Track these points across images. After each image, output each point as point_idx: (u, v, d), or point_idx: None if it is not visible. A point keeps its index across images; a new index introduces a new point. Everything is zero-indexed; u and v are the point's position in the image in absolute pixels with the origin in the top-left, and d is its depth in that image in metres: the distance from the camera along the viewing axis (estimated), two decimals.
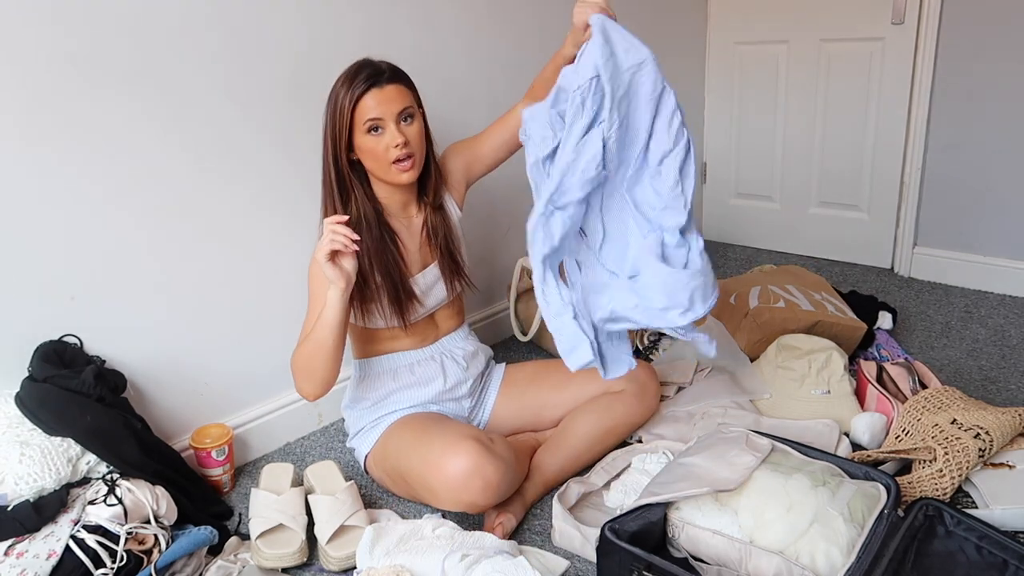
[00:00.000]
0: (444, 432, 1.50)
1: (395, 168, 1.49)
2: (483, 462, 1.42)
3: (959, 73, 2.53)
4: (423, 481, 1.48)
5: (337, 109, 1.47)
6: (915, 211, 2.75)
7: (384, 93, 1.46)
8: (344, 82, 1.47)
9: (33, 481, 1.32)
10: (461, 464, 1.41)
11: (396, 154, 1.47)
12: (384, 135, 1.47)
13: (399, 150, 1.47)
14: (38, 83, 1.42)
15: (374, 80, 1.46)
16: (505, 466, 1.46)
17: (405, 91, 1.50)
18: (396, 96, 1.47)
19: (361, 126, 1.46)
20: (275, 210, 1.82)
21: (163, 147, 1.61)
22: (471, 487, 1.42)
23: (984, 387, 2.02)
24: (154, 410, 1.68)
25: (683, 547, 1.36)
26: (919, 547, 1.32)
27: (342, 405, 1.75)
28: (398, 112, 1.47)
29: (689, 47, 3.07)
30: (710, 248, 3.25)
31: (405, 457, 1.54)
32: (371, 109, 1.45)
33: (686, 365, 2.03)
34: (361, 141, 1.48)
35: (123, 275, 1.60)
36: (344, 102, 1.46)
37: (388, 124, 1.46)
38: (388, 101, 1.46)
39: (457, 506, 1.45)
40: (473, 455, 1.42)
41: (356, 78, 1.46)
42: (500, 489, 1.46)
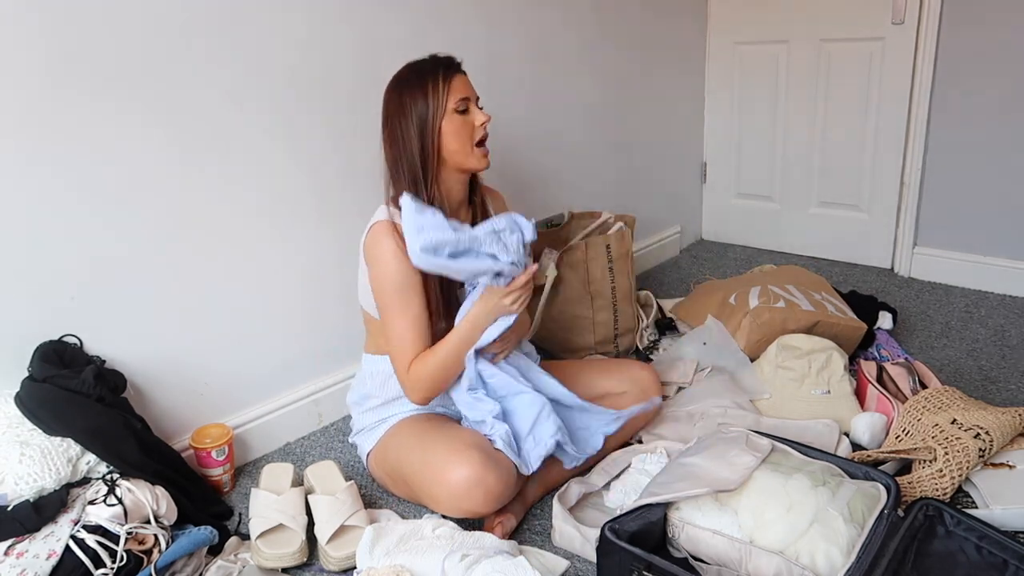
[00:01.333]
0: (447, 439, 1.50)
1: (478, 151, 1.53)
2: (485, 472, 1.41)
3: (959, 73, 2.53)
4: (425, 487, 1.48)
5: (431, 93, 1.48)
6: (915, 211, 2.75)
7: (465, 78, 1.53)
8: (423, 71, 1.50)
9: (33, 481, 1.32)
10: (464, 473, 1.41)
11: (482, 133, 1.52)
12: (471, 114, 1.51)
13: (483, 129, 1.52)
14: (39, 83, 1.42)
15: (456, 66, 1.53)
16: (507, 475, 1.46)
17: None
18: (470, 83, 1.54)
19: (452, 107, 1.49)
20: (275, 210, 1.82)
21: (163, 147, 1.61)
22: (473, 496, 1.42)
23: (984, 387, 2.02)
24: (154, 410, 1.68)
25: (683, 547, 1.36)
26: (919, 547, 1.32)
27: (348, 400, 1.74)
28: (476, 96, 1.54)
29: (689, 47, 3.07)
30: (710, 248, 3.27)
31: (407, 461, 1.53)
32: (460, 89, 1.50)
33: (686, 365, 2.03)
34: (447, 124, 1.49)
35: (123, 275, 1.60)
36: (440, 82, 1.48)
37: (472, 104, 1.52)
38: (469, 85, 1.53)
39: (458, 513, 1.45)
40: (476, 465, 1.41)
41: (438, 65, 1.50)
42: (502, 497, 1.46)
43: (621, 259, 2.20)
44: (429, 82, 1.48)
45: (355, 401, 1.71)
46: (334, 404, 2.01)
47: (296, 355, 1.94)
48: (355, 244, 2.00)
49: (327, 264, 1.95)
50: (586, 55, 2.58)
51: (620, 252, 2.19)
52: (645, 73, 2.85)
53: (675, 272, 3.03)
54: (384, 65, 1.62)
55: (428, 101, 1.48)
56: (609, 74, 2.70)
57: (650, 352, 2.25)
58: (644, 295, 2.44)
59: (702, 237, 3.42)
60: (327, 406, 2.00)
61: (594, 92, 2.65)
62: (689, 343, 2.12)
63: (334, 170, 1.91)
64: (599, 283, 2.18)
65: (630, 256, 2.23)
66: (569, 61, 2.52)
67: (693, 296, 2.39)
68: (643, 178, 2.98)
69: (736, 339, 2.06)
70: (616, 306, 2.21)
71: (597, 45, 2.61)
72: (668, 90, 3.00)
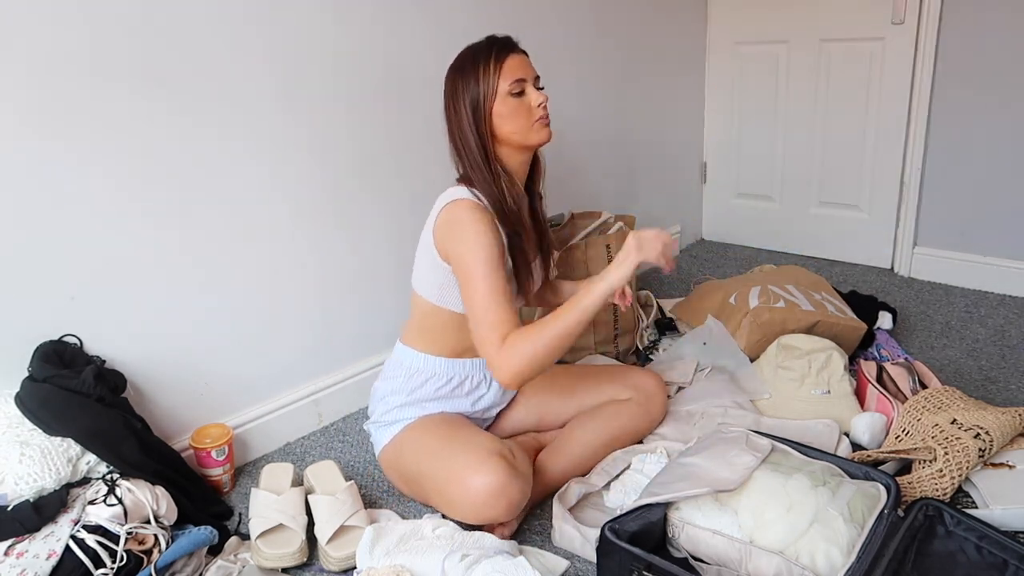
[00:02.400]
0: (469, 445, 1.48)
1: (538, 124, 1.51)
2: (508, 481, 1.41)
3: (959, 73, 2.53)
4: (443, 493, 1.47)
5: (485, 78, 1.47)
6: (915, 211, 2.75)
7: (522, 58, 1.51)
8: (478, 55, 1.49)
9: (33, 481, 1.32)
10: (488, 482, 1.40)
11: (540, 113, 1.50)
12: (527, 96, 1.50)
13: (541, 109, 1.50)
14: (40, 83, 1.41)
15: (511, 46, 1.51)
16: (527, 484, 1.46)
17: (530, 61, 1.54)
18: (529, 63, 1.53)
19: (504, 89, 1.47)
20: (277, 210, 1.82)
21: (164, 147, 1.60)
22: (496, 505, 1.41)
23: (984, 387, 2.02)
24: (154, 410, 1.68)
25: (683, 547, 1.36)
26: (919, 547, 1.32)
27: (374, 386, 1.69)
28: (534, 76, 1.52)
29: (689, 47, 3.07)
30: (710, 248, 3.27)
31: (427, 464, 1.51)
32: (516, 70, 1.48)
33: (686, 365, 2.03)
34: (502, 106, 1.48)
35: (123, 275, 1.60)
36: (493, 67, 1.47)
37: (529, 85, 1.50)
38: (526, 65, 1.51)
39: (476, 520, 1.44)
40: (501, 474, 1.40)
41: (492, 47, 1.49)
42: (521, 505, 1.46)
43: None
44: (481, 65, 1.48)
45: (380, 390, 1.66)
46: (334, 404, 2.01)
47: (296, 355, 1.94)
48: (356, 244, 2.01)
49: (328, 264, 1.95)
50: (586, 55, 2.58)
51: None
52: (645, 73, 2.85)
53: (675, 272, 3.03)
54: (389, 59, 1.62)
55: (480, 85, 1.48)
56: (609, 74, 2.70)
57: (650, 352, 2.25)
58: (644, 295, 2.44)
59: (702, 237, 3.42)
60: (327, 406, 2.00)
61: (594, 92, 2.65)
62: (689, 343, 2.12)
63: (343, 170, 1.91)
64: None
65: None
66: (569, 60, 2.52)
67: (693, 296, 2.39)
68: (643, 178, 2.98)
69: (736, 339, 2.06)
70: (616, 306, 2.21)
71: (597, 45, 2.61)
72: (668, 90, 3.00)
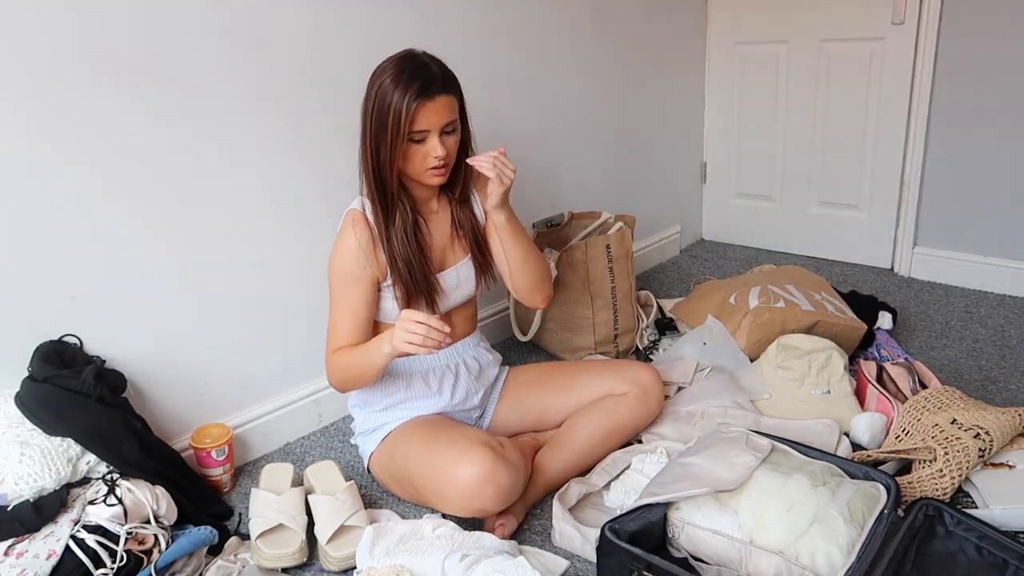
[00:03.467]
0: (454, 439, 1.49)
1: (428, 173, 1.50)
2: (495, 469, 1.41)
3: (959, 73, 2.53)
4: (434, 488, 1.47)
5: (391, 117, 1.43)
6: (915, 211, 2.75)
7: (435, 104, 1.44)
8: (395, 84, 1.43)
9: (33, 481, 1.32)
10: (474, 472, 1.41)
11: (434, 163, 1.48)
12: (425, 145, 1.47)
13: (437, 161, 1.48)
14: (40, 83, 1.41)
15: (427, 91, 1.43)
16: (516, 472, 1.46)
17: (453, 102, 1.48)
18: (444, 108, 1.46)
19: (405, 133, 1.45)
20: (278, 209, 1.82)
21: (164, 147, 1.61)
22: (484, 494, 1.41)
23: (984, 387, 2.02)
24: (154, 410, 1.68)
25: (683, 547, 1.36)
26: (919, 547, 1.32)
27: (350, 403, 1.74)
28: (443, 125, 1.47)
29: (689, 47, 3.07)
30: (710, 248, 3.27)
31: (415, 463, 1.52)
32: (419, 122, 1.44)
33: (686, 365, 2.03)
34: (400, 145, 1.47)
35: (123, 275, 1.60)
36: (400, 111, 1.42)
37: (432, 136, 1.46)
38: (436, 113, 1.45)
39: (468, 512, 1.45)
40: (486, 462, 1.41)
41: (410, 85, 1.42)
42: (512, 495, 1.46)
43: (621, 259, 2.20)
44: (388, 107, 1.43)
45: (357, 404, 1.71)
46: (334, 404, 2.01)
47: (296, 355, 1.94)
48: None
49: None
50: (586, 55, 2.58)
51: (620, 252, 2.19)
52: (645, 73, 2.85)
53: (675, 272, 3.03)
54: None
55: (388, 127, 1.44)
56: (609, 74, 2.70)
57: (650, 352, 2.25)
58: (644, 295, 2.44)
59: (702, 237, 3.42)
60: (327, 406, 2.00)
61: (594, 92, 2.65)
62: (689, 343, 2.12)
63: (338, 169, 1.91)
64: (599, 283, 2.18)
65: (630, 256, 2.23)
66: (569, 61, 2.52)
67: (693, 296, 2.39)
68: (643, 178, 2.98)
69: (736, 339, 2.06)
70: (616, 306, 2.21)
71: (597, 45, 2.61)
72: (668, 90, 3.00)
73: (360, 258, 1.53)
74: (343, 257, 1.55)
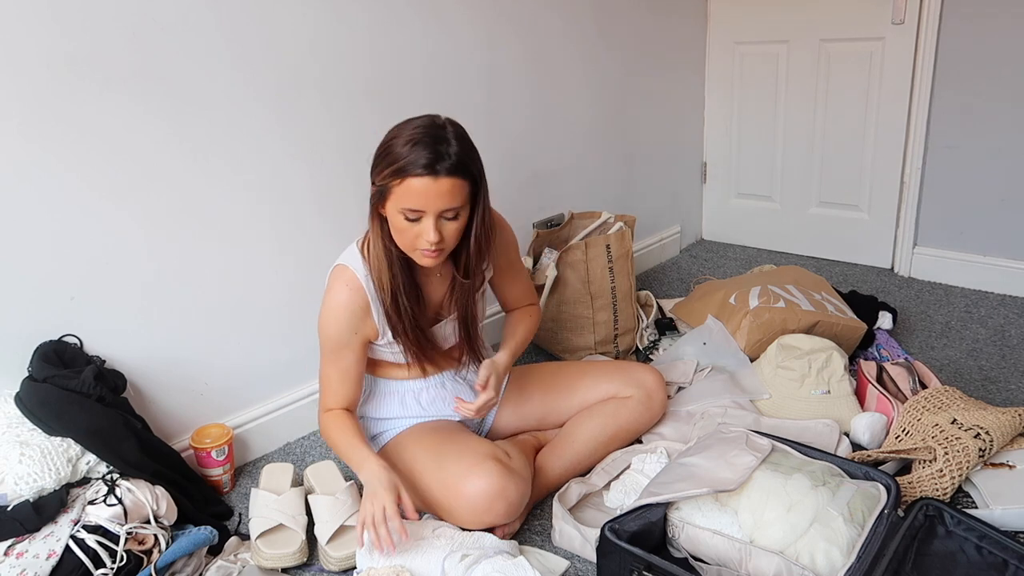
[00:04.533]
0: (461, 452, 1.48)
1: (418, 252, 1.38)
2: (505, 483, 1.41)
3: (959, 73, 2.53)
4: (441, 503, 1.46)
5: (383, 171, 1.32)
6: (915, 211, 2.75)
7: (438, 185, 1.29)
8: (401, 145, 1.30)
9: (33, 481, 1.32)
10: (484, 487, 1.40)
11: (425, 246, 1.35)
12: (418, 225, 1.32)
13: (429, 245, 1.34)
14: (39, 83, 1.41)
15: (432, 167, 1.28)
16: (525, 484, 1.46)
17: (460, 187, 1.32)
18: (449, 191, 1.30)
19: (398, 206, 1.32)
20: (277, 210, 1.82)
21: (164, 147, 1.61)
22: (495, 509, 1.41)
23: (984, 387, 2.02)
24: (154, 410, 1.68)
25: (683, 547, 1.37)
26: (919, 547, 1.32)
27: None
28: (443, 210, 1.32)
29: (689, 47, 3.07)
30: (710, 248, 3.27)
31: (419, 475, 1.51)
32: (415, 198, 1.29)
33: (686, 365, 2.03)
34: (393, 218, 1.35)
35: (123, 275, 1.60)
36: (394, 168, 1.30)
37: (427, 218, 1.31)
38: (438, 196, 1.29)
39: (478, 526, 1.44)
40: (496, 477, 1.40)
41: (415, 150, 1.28)
42: (521, 506, 1.46)
43: (621, 259, 2.20)
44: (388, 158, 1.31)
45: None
46: None
47: (296, 355, 1.94)
48: None
49: (328, 264, 1.94)
50: (586, 55, 2.58)
51: (620, 252, 2.19)
52: (645, 73, 2.85)
53: (675, 272, 3.03)
54: (386, 64, 1.63)
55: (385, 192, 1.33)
56: (609, 74, 2.70)
57: (650, 352, 2.25)
58: (644, 295, 2.44)
59: (702, 237, 3.42)
60: None
61: (594, 92, 2.65)
62: (689, 343, 2.12)
63: (337, 170, 1.91)
64: (599, 283, 2.18)
65: (630, 256, 2.23)
66: (569, 61, 2.52)
67: (693, 296, 2.39)
68: (643, 178, 2.98)
69: (736, 339, 2.06)
70: (616, 306, 2.21)
71: (597, 45, 2.61)
72: (668, 90, 3.00)
73: (353, 324, 1.46)
74: (333, 323, 1.46)
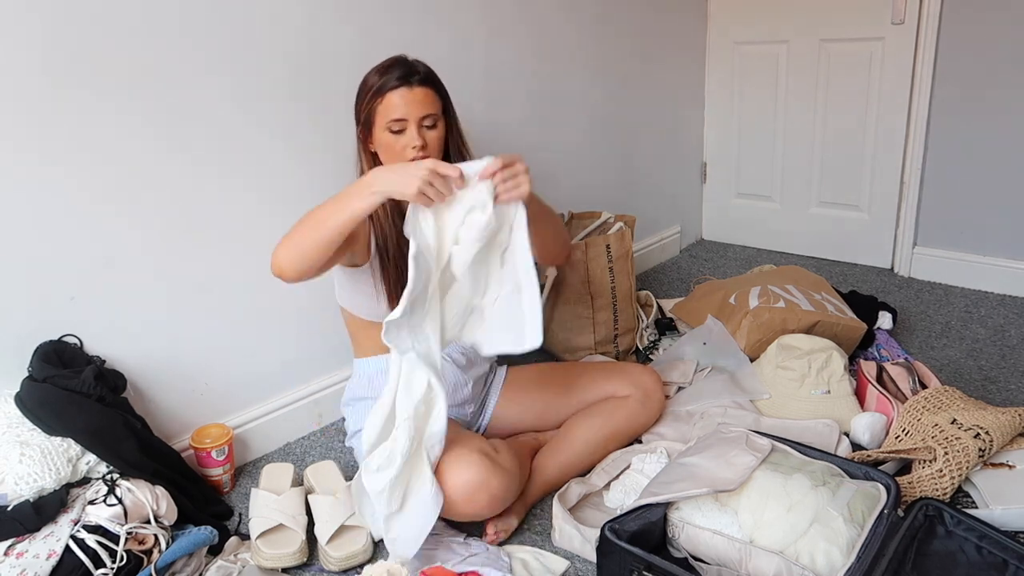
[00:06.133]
0: (448, 445, 1.48)
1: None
2: (488, 476, 1.41)
3: (959, 73, 2.53)
4: None
5: (364, 98, 1.47)
6: (915, 211, 2.75)
7: (413, 94, 1.44)
8: (375, 74, 1.47)
9: (33, 481, 1.32)
10: (466, 478, 1.41)
11: (412, 155, 1.44)
12: (403, 135, 1.45)
13: (416, 151, 1.44)
14: (40, 85, 1.42)
15: (406, 79, 1.44)
16: (510, 478, 1.46)
17: (434, 96, 1.47)
18: (424, 99, 1.45)
19: (383, 122, 1.45)
20: (275, 209, 1.82)
21: (163, 147, 1.61)
22: (477, 501, 1.41)
23: (984, 387, 2.02)
24: (154, 410, 1.68)
25: (683, 547, 1.37)
26: (919, 547, 1.32)
27: (341, 403, 1.74)
28: (422, 116, 1.44)
29: (689, 47, 3.07)
30: (710, 248, 3.27)
31: None
32: (396, 108, 1.43)
33: (686, 365, 2.03)
34: (380, 136, 1.47)
35: (123, 275, 1.60)
36: (372, 92, 1.45)
37: (410, 126, 1.44)
38: (415, 103, 1.44)
39: (462, 517, 1.45)
40: (479, 469, 1.41)
41: (388, 72, 1.45)
42: (505, 500, 1.46)
43: (621, 259, 2.20)
44: (366, 92, 1.47)
45: (347, 403, 1.71)
46: (334, 404, 2.01)
47: (296, 355, 1.94)
48: None
49: None
50: (586, 55, 2.58)
51: (620, 252, 2.19)
52: (645, 73, 2.85)
53: (675, 272, 3.03)
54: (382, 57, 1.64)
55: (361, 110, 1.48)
56: (609, 74, 2.69)
57: (650, 352, 2.25)
58: (644, 295, 2.44)
59: (702, 237, 3.42)
60: (327, 406, 2.00)
61: (594, 92, 2.65)
62: (689, 343, 2.12)
63: (336, 170, 1.91)
64: (599, 283, 2.18)
65: (630, 256, 2.23)
66: (569, 61, 2.52)
67: (693, 296, 2.39)
68: (643, 178, 2.98)
69: (736, 339, 2.06)
70: (616, 306, 2.21)
71: (597, 45, 2.61)
72: (668, 90, 3.00)
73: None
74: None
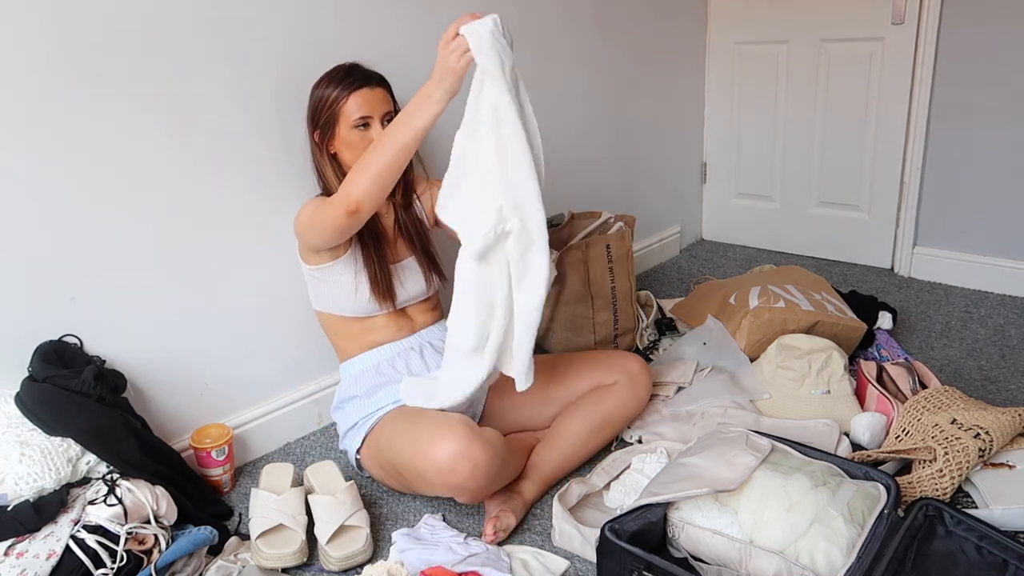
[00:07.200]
0: (433, 419, 1.51)
1: None
2: (470, 444, 1.42)
3: (959, 73, 2.53)
4: (413, 467, 1.48)
5: (326, 103, 1.60)
6: (915, 211, 2.75)
7: (375, 93, 1.60)
8: (333, 79, 1.60)
9: (33, 481, 1.32)
10: (449, 447, 1.42)
11: None
12: (370, 131, 1.59)
13: None
14: (40, 85, 1.42)
15: (366, 80, 1.60)
16: (493, 449, 1.46)
17: (389, 96, 1.63)
18: (384, 98, 1.61)
19: (349, 121, 1.58)
20: (275, 209, 1.82)
21: (163, 147, 1.61)
22: (460, 470, 1.41)
23: (984, 387, 2.02)
24: (154, 410, 1.68)
25: (683, 547, 1.37)
26: (919, 547, 1.32)
27: (331, 409, 1.75)
28: (384, 112, 1.60)
29: (689, 47, 3.07)
30: (710, 248, 3.27)
31: (397, 445, 1.53)
32: (362, 107, 1.58)
33: (686, 365, 2.03)
34: (346, 135, 1.59)
35: (123, 275, 1.60)
36: (335, 95, 1.58)
37: (374, 121, 1.59)
38: (378, 101, 1.60)
39: (448, 491, 1.46)
40: (461, 437, 1.42)
41: (349, 76, 1.60)
42: (490, 472, 1.44)
43: (621, 259, 2.20)
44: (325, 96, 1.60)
45: (337, 407, 1.73)
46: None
47: (296, 355, 1.94)
48: None
49: None
50: (586, 55, 2.58)
51: (620, 252, 2.19)
52: (645, 73, 2.85)
53: (675, 272, 3.03)
54: (382, 64, 1.64)
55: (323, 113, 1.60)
56: (609, 74, 2.70)
57: (650, 352, 2.25)
58: (644, 295, 2.44)
59: (702, 237, 3.42)
60: (327, 406, 2.00)
61: (594, 92, 2.65)
62: (689, 343, 2.13)
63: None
64: (599, 283, 2.18)
65: (630, 256, 2.23)
66: (569, 61, 2.52)
67: (693, 296, 2.39)
68: (643, 178, 2.98)
69: (736, 339, 2.06)
70: (616, 306, 2.21)
71: (597, 45, 2.61)
72: (668, 90, 3.00)
73: None
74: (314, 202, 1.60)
